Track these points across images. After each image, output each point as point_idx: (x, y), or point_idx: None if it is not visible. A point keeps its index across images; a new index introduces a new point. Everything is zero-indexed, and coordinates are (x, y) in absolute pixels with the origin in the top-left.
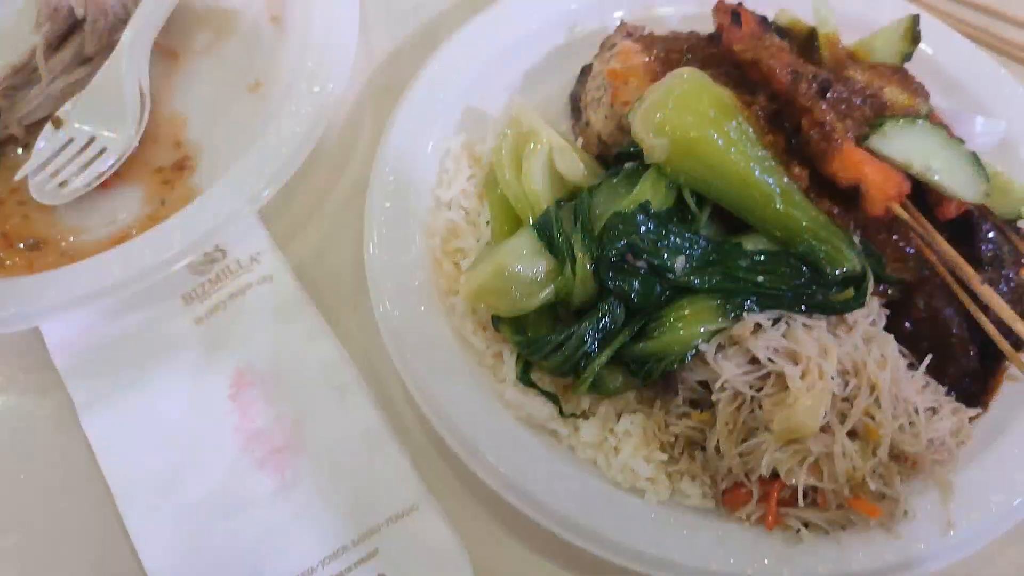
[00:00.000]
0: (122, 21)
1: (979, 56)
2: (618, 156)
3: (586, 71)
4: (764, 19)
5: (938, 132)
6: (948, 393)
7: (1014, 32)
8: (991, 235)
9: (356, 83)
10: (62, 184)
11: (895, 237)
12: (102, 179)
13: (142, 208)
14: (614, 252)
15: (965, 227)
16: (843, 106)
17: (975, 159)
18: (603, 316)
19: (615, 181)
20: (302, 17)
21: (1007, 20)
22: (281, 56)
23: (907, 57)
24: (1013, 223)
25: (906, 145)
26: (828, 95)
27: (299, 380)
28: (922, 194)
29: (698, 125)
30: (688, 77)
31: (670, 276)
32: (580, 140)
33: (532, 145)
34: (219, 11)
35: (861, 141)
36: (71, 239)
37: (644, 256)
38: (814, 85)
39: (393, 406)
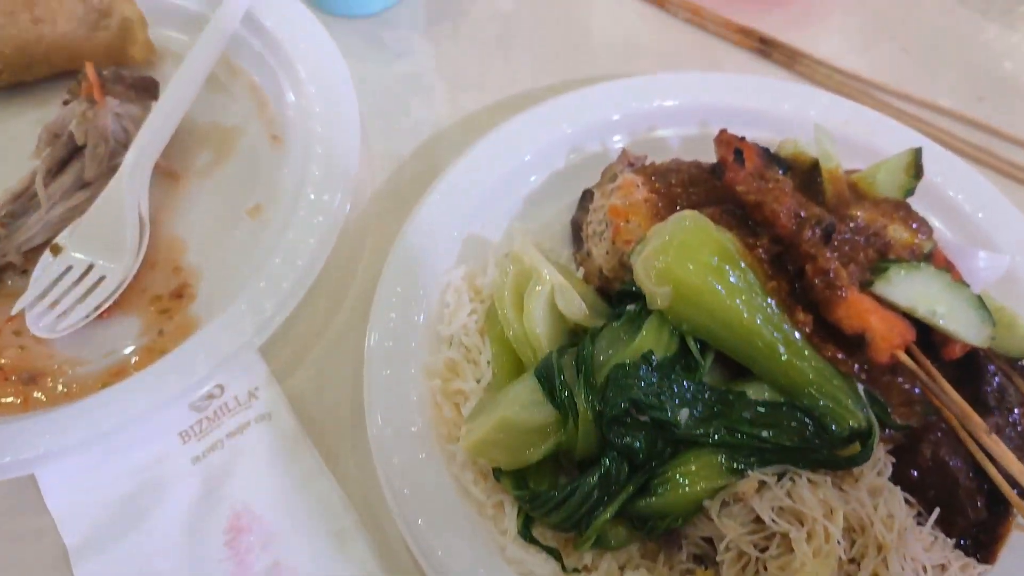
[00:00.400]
0: (123, 145)
1: (983, 186)
2: (620, 295)
3: (587, 196)
4: (766, 151)
5: (942, 276)
6: (956, 544)
7: (1016, 152)
8: (996, 378)
9: (357, 206)
10: (60, 316)
11: (900, 380)
12: (100, 311)
13: (140, 339)
14: (617, 409)
15: (971, 367)
16: (847, 248)
17: (980, 303)
18: (606, 472)
19: (617, 326)
20: (303, 137)
21: (1009, 140)
22: (282, 178)
23: (910, 192)
24: (1017, 362)
25: (910, 290)
26: (832, 239)
27: (297, 525)
28: (928, 334)
29: (700, 274)
30: (690, 224)
31: (675, 429)
32: (581, 270)
33: (534, 284)
34: (220, 129)
35: (865, 286)
36: (68, 372)
37: (648, 411)
38: (818, 231)
39: (392, 553)
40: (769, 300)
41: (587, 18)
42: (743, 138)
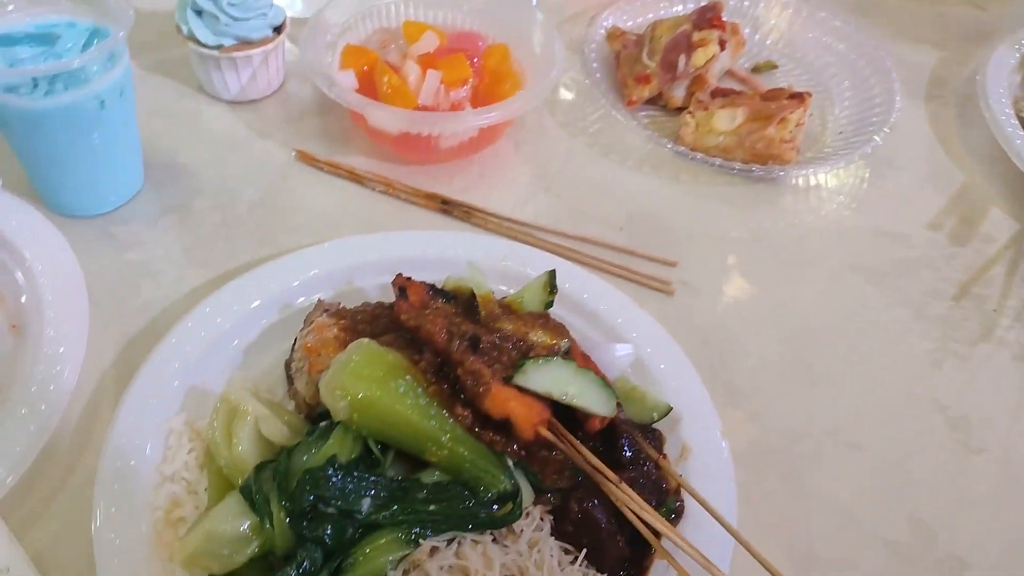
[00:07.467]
0: None
1: (616, 295)
2: (317, 416)
3: (295, 342)
4: (432, 287)
5: (569, 365)
6: None
7: (646, 265)
8: (626, 441)
9: (92, 378)
10: None
11: (554, 453)
12: None
13: None
14: (304, 504)
15: (610, 435)
16: (494, 352)
17: (603, 383)
18: (302, 561)
19: (310, 439)
20: (36, 323)
21: (642, 256)
22: (18, 361)
23: (549, 304)
24: (648, 427)
25: (544, 379)
26: (480, 347)
27: None
28: (573, 413)
29: (370, 387)
30: (362, 349)
31: (358, 516)
32: (292, 404)
33: (240, 416)
34: None
35: (507, 381)
36: None
37: (332, 503)
38: (464, 342)
39: None
40: (431, 401)
41: (298, 199)
42: (410, 278)
